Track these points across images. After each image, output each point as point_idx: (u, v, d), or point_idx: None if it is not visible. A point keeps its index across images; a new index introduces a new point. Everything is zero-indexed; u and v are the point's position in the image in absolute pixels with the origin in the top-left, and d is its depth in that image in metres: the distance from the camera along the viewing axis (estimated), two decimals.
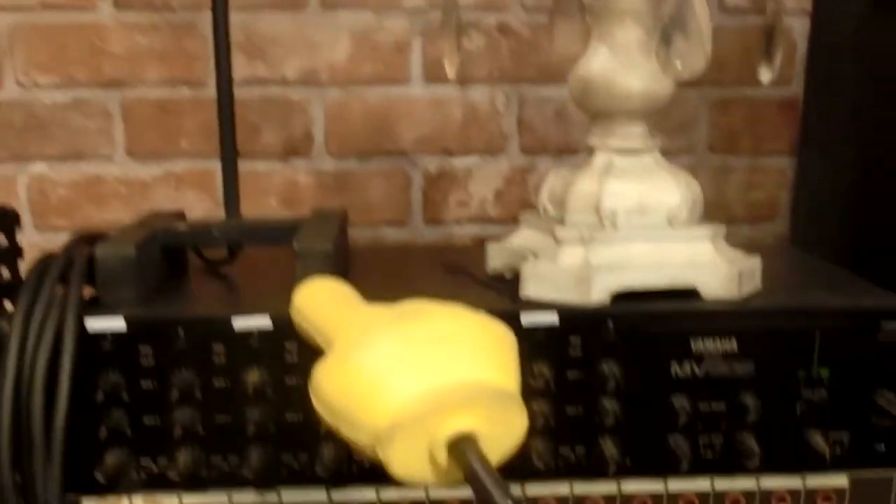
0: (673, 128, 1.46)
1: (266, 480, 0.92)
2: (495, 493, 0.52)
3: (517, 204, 1.47)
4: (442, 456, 0.54)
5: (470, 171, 1.47)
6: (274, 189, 1.45)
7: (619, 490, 0.94)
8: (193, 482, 0.92)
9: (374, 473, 0.92)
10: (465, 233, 1.49)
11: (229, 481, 0.92)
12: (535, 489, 0.94)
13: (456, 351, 0.57)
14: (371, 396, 0.55)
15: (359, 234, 1.45)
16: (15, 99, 1.41)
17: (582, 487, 0.94)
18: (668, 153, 1.02)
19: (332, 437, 0.89)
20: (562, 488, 0.94)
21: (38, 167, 1.44)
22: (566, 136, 1.46)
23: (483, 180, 1.48)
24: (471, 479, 0.53)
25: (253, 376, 0.89)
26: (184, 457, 0.90)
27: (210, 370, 0.90)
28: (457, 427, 0.54)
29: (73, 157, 1.43)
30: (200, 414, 0.91)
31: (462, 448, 0.54)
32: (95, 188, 1.44)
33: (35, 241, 1.43)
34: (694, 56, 0.90)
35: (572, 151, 1.46)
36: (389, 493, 0.93)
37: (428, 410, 0.54)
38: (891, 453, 0.95)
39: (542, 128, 1.46)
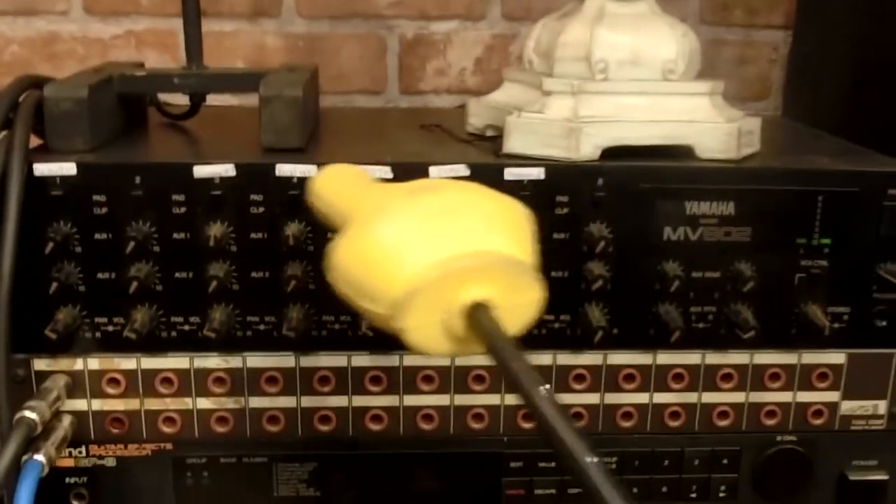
0: None
1: (229, 343, 0.86)
2: (513, 360, 0.52)
3: (498, 74, 1.39)
4: (458, 324, 0.54)
5: (449, 38, 1.40)
6: (240, 51, 1.37)
7: (605, 361, 0.89)
8: (152, 343, 0.86)
9: (344, 338, 0.86)
10: (441, 103, 1.43)
11: (190, 343, 0.87)
12: None
13: (471, 221, 0.57)
14: (387, 266, 0.55)
15: (330, 102, 1.38)
16: None
17: (565, 358, 0.89)
18: None
19: (300, 297, 0.84)
20: (544, 358, 0.89)
21: None
22: (552, 2, 1.39)
23: (462, 48, 1.41)
24: (490, 348, 0.53)
25: (215, 229, 0.83)
26: (141, 316, 0.85)
27: (169, 221, 0.84)
28: (473, 296, 0.54)
29: (26, 13, 1.35)
30: (158, 269, 0.85)
31: (478, 317, 0.53)
32: (50, 46, 1.37)
33: None
34: None
35: None
36: (361, 359, 0.88)
37: (443, 277, 0.54)
38: (891, 330, 0.90)
39: None
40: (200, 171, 0.83)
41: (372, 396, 0.89)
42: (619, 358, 0.89)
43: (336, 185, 0.69)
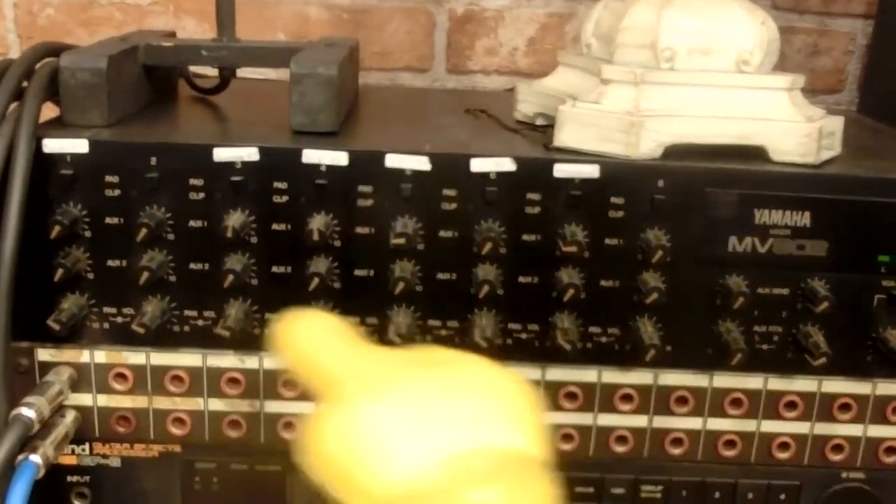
0: None
1: (246, 342, 0.79)
2: None
3: (551, 55, 1.32)
4: None
5: (501, 15, 1.33)
6: (281, 21, 1.30)
7: (656, 381, 0.82)
8: (163, 338, 0.79)
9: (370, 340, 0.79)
10: (490, 84, 1.35)
11: (204, 340, 0.80)
12: (557, 374, 0.81)
13: (476, 408, 0.53)
14: (380, 459, 0.50)
15: (374, 79, 1.31)
16: None
17: (611, 376, 0.82)
18: None
19: (322, 296, 0.77)
20: (589, 375, 0.82)
21: None
22: None
23: (515, 26, 1.33)
24: None
25: (235, 218, 0.76)
26: (152, 308, 0.78)
27: (185, 208, 0.77)
28: (479, 501, 0.48)
29: None
30: (172, 258, 0.78)
31: None
32: (88, 11, 1.30)
33: None
34: None
35: None
36: None
37: (448, 481, 0.49)
38: None
39: None
40: (221, 153, 0.76)
41: None
42: (671, 378, 0.82)
43: (316, 340, 0.61)
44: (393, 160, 0.76)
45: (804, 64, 1.35)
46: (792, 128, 0.80)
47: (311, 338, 0.60)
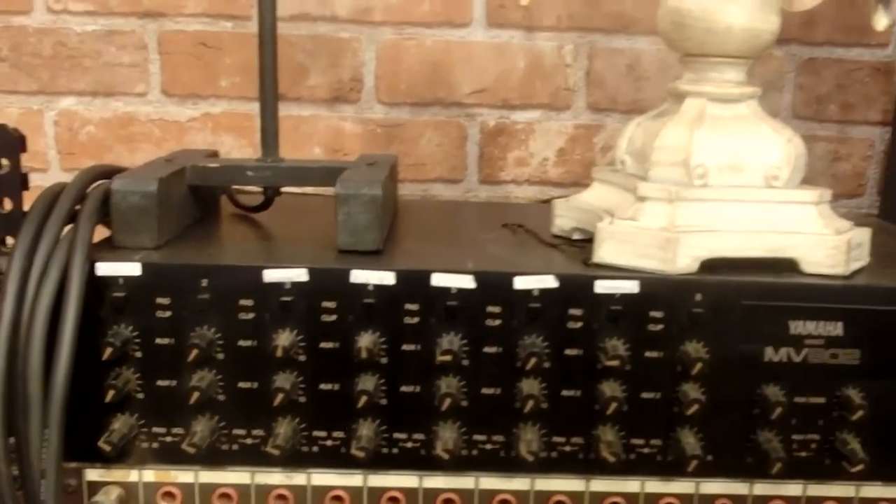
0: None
1: (294, 459, 0.81)
2: None
3: (581, 165, 1.35)
4: None
5: (531, 127, 1.35)
6: (318, 136, 1.33)
7: (698, 490, 0.83)
8: (212, 456, 0.81)
9: (417, 457, 0.81)
10: (522, 194, 1.37)
11: (252, 457, 0.81)
12: (601, 485, 0.82)
13: None
14: None
15: (408, 190, 1.34)
16: (45, 26, 1.31)
17: (654, 485, 0.83)
18: None
19: (370, 413, 0.78)
20: (632, 485, 0.83)
21: (67, 102, 1.33)
22: (638, 93, 1.34)
23: (545, 138, 1.36)
24: None
25: (284, 337, 0.78)
26: (202, 427, 0.80)
27: (236, 327, 0.79)
28: None
29: (104, 93, 1.33)
30: (222, 378, 0.80)
31: None
32: (127, 127, 1.34)
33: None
34: None
35: (644, 111, 1.32)
36: (434, 480, 0.82)
37: None
38: None
39: (613, 83, 1.34)
40: (271, 275, 0.78)
41: None
42: (713, 487, 0.83)
43: None
44: (439, 279, 0.78)
45: (826, 170, 1.37)
46: (821, 240, 0.82)
47: None
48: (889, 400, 0.81)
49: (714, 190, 0.83)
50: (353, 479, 0.82)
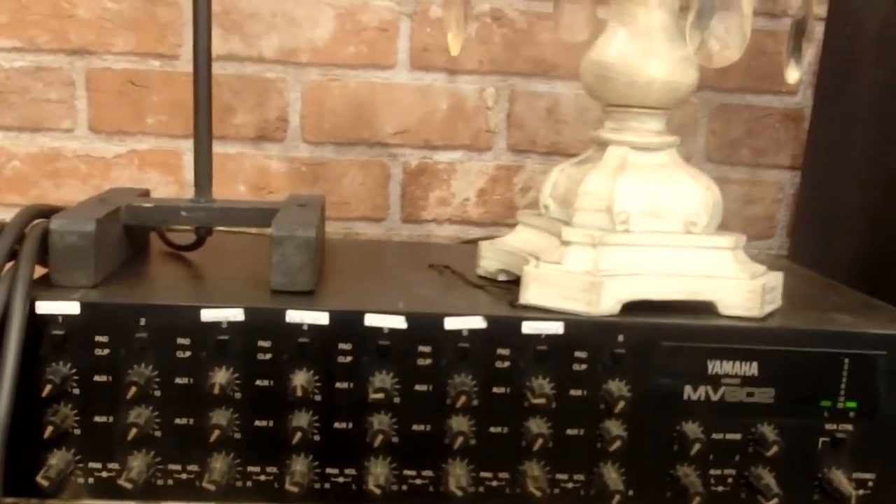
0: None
1: (230, 494, 0.82)
2: None
3: (501, 205, 1.39)
4: None
5: (453, 167, 1.38)
6: (243, 174, 1.35)
7: None
8: (148, 492, 0.82)
9: (349, 492, 0.83)
10: (443, 233, 1.40)
11: (188, 492, 0.83)
12: None
13: None
14: None
15: (331, 228, 1.36)
16: None
17: None
18: None
19: (303, 449, 0.80)
20: None
21: None
22: (557, 135, 1.38)
23: (466, 178, 1.39)
24: None
25: (220, 375, 0.80)
26: (138, 462, 0.81)
27: (173, 365, 0.81)
28: None
29: (31, 128, 1.33)
30: (158, 414, 0.81)
31: None
32: (53, 163, 1.34)
33: None
34: (732, 39, 0.82)
35: (563, 153, 1.37)
36: None
37: None
38: None
39: (533, 125, 1.38)
40: (208, 314, 0.80)
41: None
42: None
43: None
44: (371, 319, 0.81)
45: (738, 212, 1.42)
46: (738, 284, 0.86)
47: None
48: (801, 437, 0.85)
49: (636, 235, 0.87)
50: None
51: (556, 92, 1.37)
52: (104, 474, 0.82)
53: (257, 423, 0.82)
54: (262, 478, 0.83)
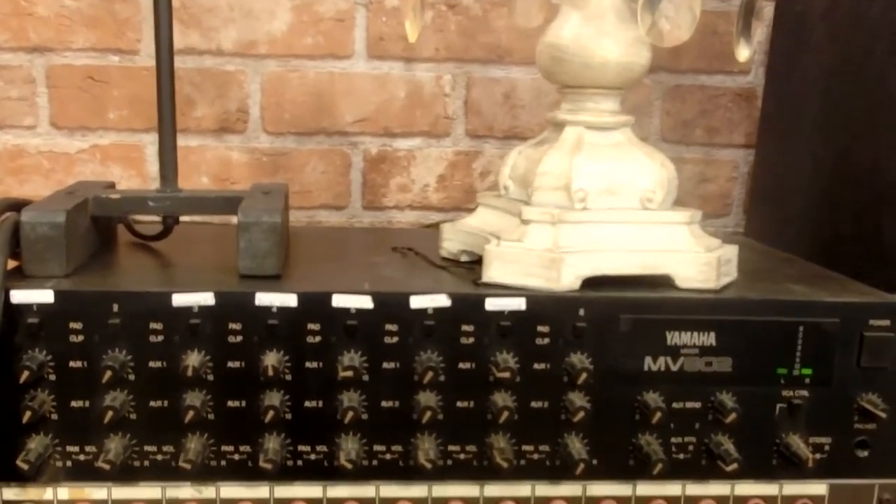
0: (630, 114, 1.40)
1: (203, 473, 0.84)
2: None
3: (460, 190, 1.41)
4: None
5: (413, 154, 1.40)
6: (206, 165, 1.37)
7: (584, 493, 0.89)
8: (125, 473, 0.84)
9: (321, 469, 0.85)
10: (405, 219, 1.42)
11: (163, 473, 0.85)
12: (495, 490, 0.88)
13: None
14: None
15: (294, 217, 1.37)
16: None
17: (545, 489, 0.88)
18: None
19: (276, 427, 0.83)
20: (523, 489, 0.88)
21: None
22: (514, 120, 1.40)
23: (426, 164, 1.41)
24: None
25: (193, 357, 0.82)
26: (115, 445, 0.83)
27: (146, 350, 0.83)
28: None
29: None
30: (133, 398, 0.83)
31: None
32: (16, 160, 1.35)
33: None
34: (682, 19, 0.85)
35: (520, 137, 1.40)
36: (337, 490, 0.86)
37: None
38: (873, 461, 0.90)
39: (490, 111, 1.40)
40: (179, 299, 0.82)
41: None
42: (599, 489, 0.88)
43: None
44: (339, 300, 0.83)
45: (694, 190, 1.45)
46: (694, 257, 0.89)
47: None
48: (758, 404, 0.88)
49: (593, 213, 0.89)
50: (261, 490, 0.86)
51: (513, 77, 1.39)
52: (82, 457, 0.84)
53: (230, 403, 0.84)
54: (237, 457, 0.85)
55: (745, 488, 0.90)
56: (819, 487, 0.90)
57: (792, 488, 0.90)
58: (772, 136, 1.36)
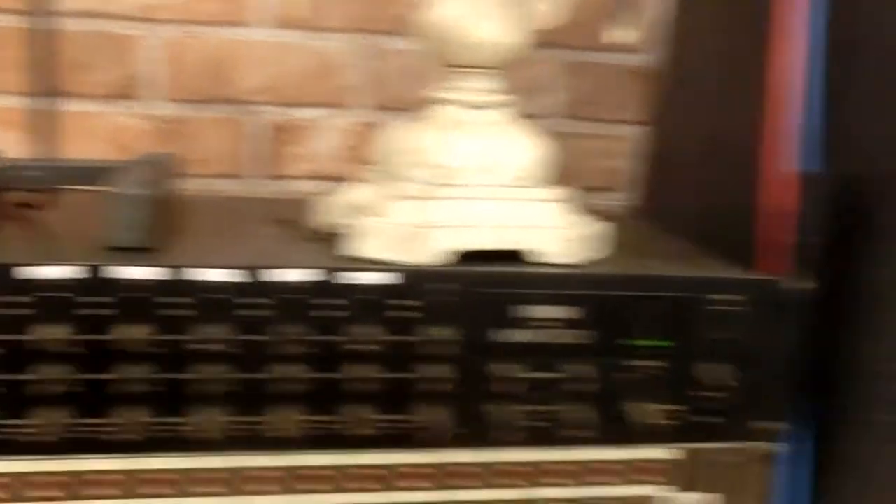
0: (529, 90, 1.41)
1: (63, 447, 0.84)
2: None
3: (360, 161, 1.41)
4: None
5: (313, 124, 1.41)
6: (101, 133, 1.36)
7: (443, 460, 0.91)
8: None
9: (182, 440, 0.85)
10: (304, 189, 1.43)
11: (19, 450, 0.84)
12: (354, 458, 0.89)
13: None
14: None
15: (192, 185, 1.37)
16: None
17: (403, 457, 0.90)
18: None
19: (136, 401, 0.83)
20: (381, 458, 0.89)
21: None
22: (419, 92, 1.40)
23: (326, 135, 1.41)
24: None
25: (53, 331, 0.81)
26: None
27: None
28: None
29: None
30: None
31: None
32: None
33: None
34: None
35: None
36: (199, 461, 0.87)
37: None
38: (720, 427, 0.94)
39: (395, 82, 1.40)
40: (37, 272, 0.81)
41: None
42: (458, 456, 0.91)
43: None
44: (205, 273, 0.83)
45: (588, 166, 1.46)
46: (560, 233, 0.91)
47: None
48: (613, 373, 0.91)
49: (461, 189, 0.90)
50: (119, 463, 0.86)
51: (417, 50, 1.39)
52: None
53: (92, 377, 0.83)
54: (99, 430, 0.84)
55: (598, 454, 0.93)
56: (669, 453, 0.94)
57: (642, 453, 0.94)
58: (663, 114, 1.37)
